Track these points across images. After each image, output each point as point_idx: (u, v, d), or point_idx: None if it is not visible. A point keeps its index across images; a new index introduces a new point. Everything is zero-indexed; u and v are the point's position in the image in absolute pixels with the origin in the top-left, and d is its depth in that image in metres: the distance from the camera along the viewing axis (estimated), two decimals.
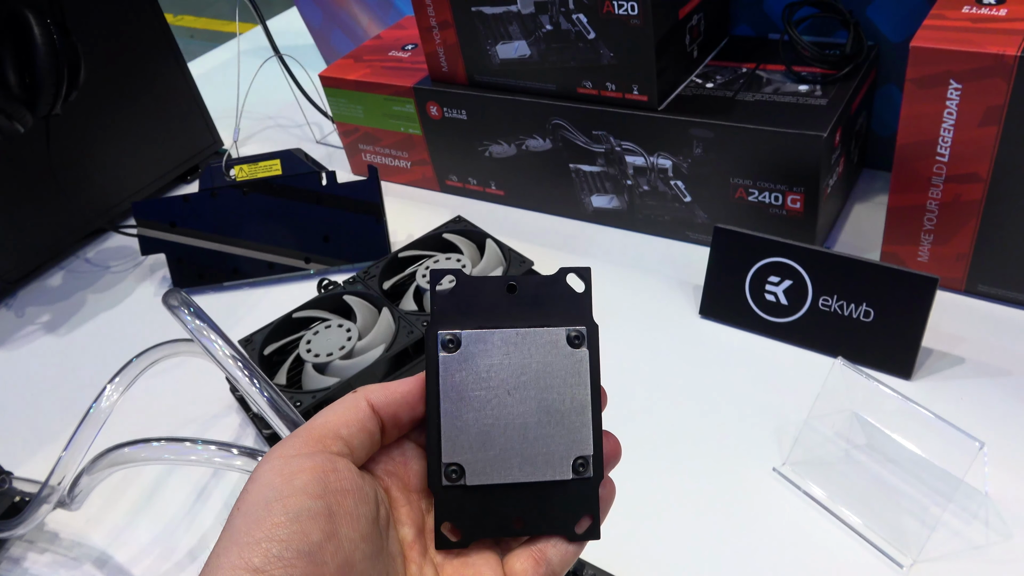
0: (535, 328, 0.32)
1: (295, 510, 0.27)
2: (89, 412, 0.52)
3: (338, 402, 0.31)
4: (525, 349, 0.32)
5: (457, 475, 0.31)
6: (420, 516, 0.32)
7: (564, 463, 0.32)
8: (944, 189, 0.61)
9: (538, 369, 0.32)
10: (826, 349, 0.62)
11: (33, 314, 0.85)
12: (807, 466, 0.54)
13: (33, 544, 0.60)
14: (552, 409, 0.32)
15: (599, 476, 0.32)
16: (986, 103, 0.55)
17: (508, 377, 0.32)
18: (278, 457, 0.28)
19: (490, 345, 0.32)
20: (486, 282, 0.32)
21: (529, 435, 0.32)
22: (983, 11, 0.57)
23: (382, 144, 0.91)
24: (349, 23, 1.12)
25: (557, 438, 0.32)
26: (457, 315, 0.32)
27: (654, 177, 0.73)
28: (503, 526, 0.31)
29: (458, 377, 0.31)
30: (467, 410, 0.31)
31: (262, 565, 0.25)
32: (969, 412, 0.56)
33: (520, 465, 0.32)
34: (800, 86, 0.69)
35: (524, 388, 0.32)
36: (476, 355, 0.32)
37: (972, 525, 0.50)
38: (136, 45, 0.92)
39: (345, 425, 0.30)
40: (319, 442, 0.29)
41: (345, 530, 0.28)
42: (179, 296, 0.48)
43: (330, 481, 0.28)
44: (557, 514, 0.32)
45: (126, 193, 0.95)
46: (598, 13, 0.67)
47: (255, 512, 0.27)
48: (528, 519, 0.32)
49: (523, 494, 0.32)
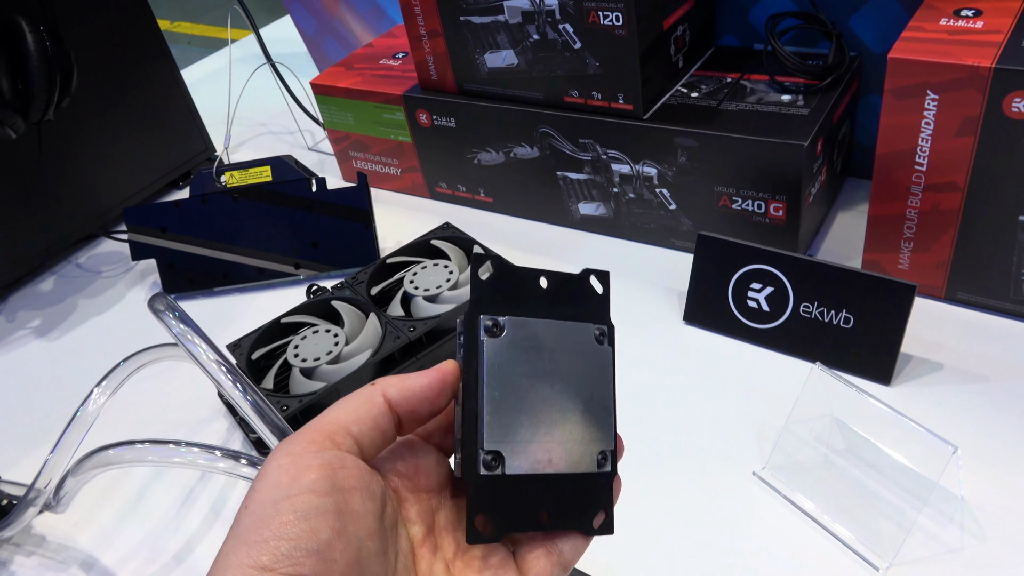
0: (570, 322, 0.33)
1: (303, 508, 0.27)
2: (76, 415, 0.53)
3: (354, 395, 0.30)
4: (561, 340, 0.32)
5: (496, 463, 0.30)
6: (430, 515, 0.32)
7: (590, 457, 0.32)
8: (923, 198, 0.61)
9: (571, 361, 0.33)
10: (807, 355, 0.63)
11: (24, 319, 0.85)
12: (786, 470, 0.55)
13: (20, 547, 0.61)
14: (582, 402, 0.33)
15: (614, 472, 0.33)
16: (962, 114, 0.56)
17: (545, 367, 0.32)
18: (286, 455, 0.28)
19: (530, 333, 0.32)
20: (520, 272, 0.32)
21: (562, 426, 0.32)
22: (960, 23, 0.58)
23: (372, 151, 0.92)
24: (342, 31, 1.13)
25: (586, 431, 0.32)
26: (497, 302, 0.31)
27: (640, 185, 0.74)
28: (531, 520, 0.31)
29: (500, 362, 0.31)
30: (507, 397, 0.31)
31: (271, 563, 0.25)
32: (947, 417, 0.57)
33: (553, 457, 0.31)
34: (783, 96, 0.70)
35: (558, 379, 0.32)
36: (517, 342, 0.31)
37: (948, 528, 0.51)
38: (129, 51, 0.93)
39: (356, 422, 0.30)
40: (328, 438, 0.29)
41: (353, 528, 0.27)
42: (164, 301, 0.48)
43: (338, 479, 0.28)
44: (578, 508, 0.32)
45: (118, 199, 0.95)
46: (584, 23, 0.68)
47: (263, 511, 0.27)
48: (554, 513, 0.31)
49: (551, 486, 0.31)
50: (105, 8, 0.89)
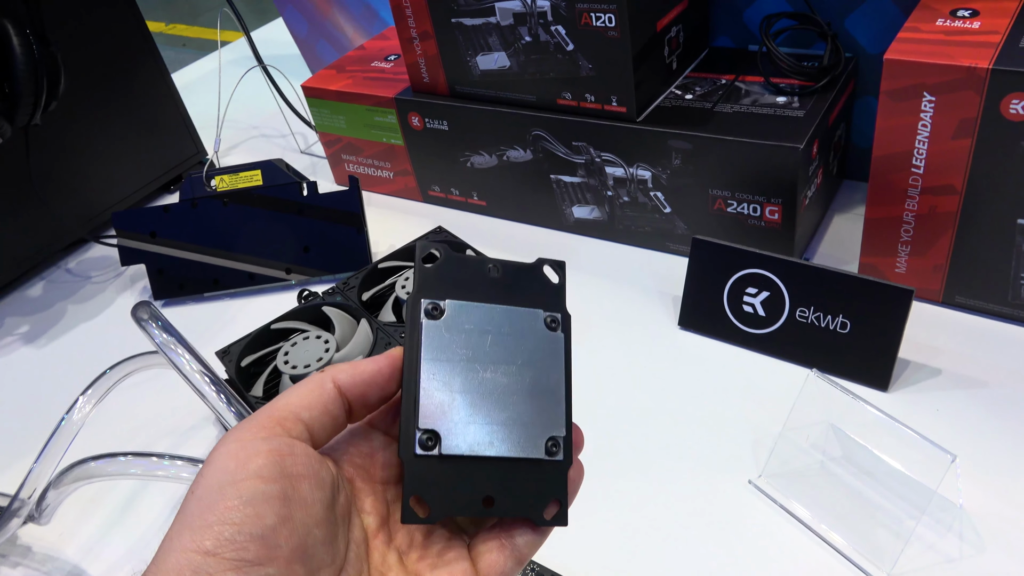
0: (516, 307, 0.33)
1: (248, 494, 0.26)
2: (61, 424, 0.52)
3: (303, 382, 0.30)
4: (506, 325, 0.32)
5: (431, 443, 0.30)
6: (385, 506, 0.32)
7: (537, 442, 0.32)
8: (920, 201, 0.61)
9: (516, 346, 0.32)
10: (803, 360, 0.62)
11: (12, 325, 0.84)
12: (783, 478, 0.54)
13: (5, 558, 0.60)
14: (528, 387, 0.32)
15: (568, 461, 0.32)
16: (959, 115, 0.55)
17: (488, 350, 0.32)
18: (234, 440, 0.28)
19: (472, 317, 0.32)
20: (469, 261, 0.33)
21: (505, 410, 0.32)
22: (957, 24, 0.58)
23: (365, 154, 0.91)
24: (334, 33, 1.12)
25: (532, 416, 0.32)
26: (441, 287, 0.32)
27: (634, 188, 0.73)
28: (472, 505, 0.31)
29: (439, 344, 0.31)
30: (446, 377, 0.31)
31: (214, 548, 0.25)
32: (945, 424, 0.56)
33: (494, 439, 0.31)
34: (778, 98, 0.69)
35: (503, 363, 0.32)
36: (458, 325, 0.31)
37: (946, 538, 0.50)
38: (117, 54, 0.92)
39: (307, 408, 0.29)
40: (278, 424, 0.29)
41: (300, 515, 0.27)
42: (148, 309, 0.47)
43: (286, 465, 0.28)
44: (526, 496, 0.31)
45: (108, 203, 0.94)
46: (576, 25, 0.67)
47: (208, 496, 0.26)
48: (498, 499, 0.31)
49: (494, 471, 0.31)
50: (93, 10, 0.88)
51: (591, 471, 0.35)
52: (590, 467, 0.35)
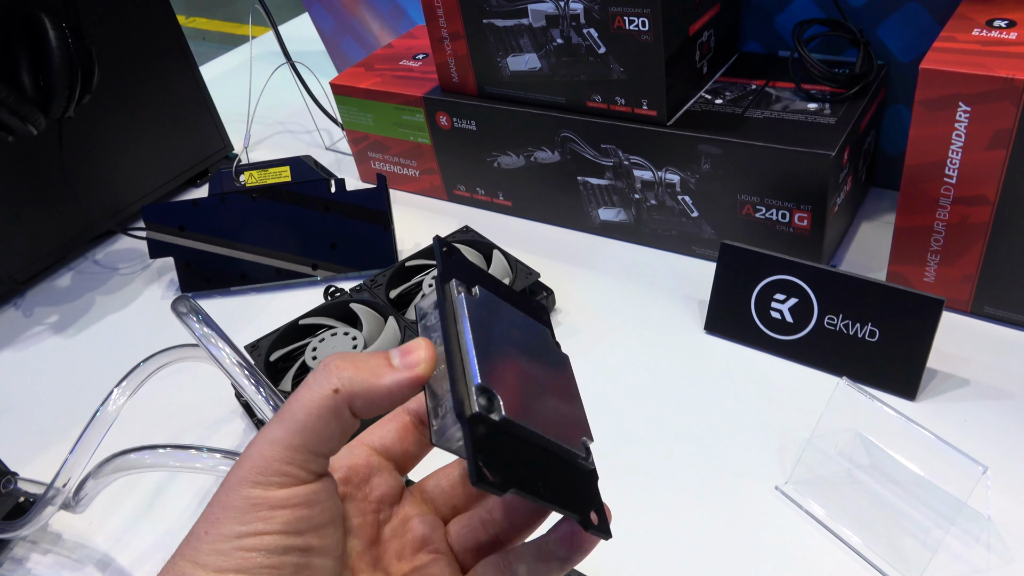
0: (530, 318, 0.32)
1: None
2: (96, 415, 0.52)
3: (316, 406, 0.27)
4: (525, 326, 0.31)
5: (489, 404, 0.26)
6: (374, 529, 0.31)
7: (576, 440, 0.30)
8: (951, 211, 0.61)
9: (538, 348, 0.31)
10: (831, 368, 0.62)
11: (41, 315, 0.85)
12: (809, 485, 0.54)
13: (36, 545, 0.60)
14: (556, 386, 0.31)
15: (596, 474, 0.31)
16: (995, 126, 0.55)
17: (517, 341, 0.30)
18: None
19: (498, 309, 0.30)
20: (477, 268, 0.32)
21: (547, 397, 0.30)
22: (993, 34, 0.57)
23: (391, 152, 0.92)
24: (360, 31, 1.13)
25: (567, 411, 0.31)
26: (466, 275, 0.30)
27: (662, 192, 0.74)
28: (531, 484, 0.27)
29: (479, 318, 0.28)
30: (492, 346, 0.28)
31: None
32: (973, 434, 0.56)
33: (543, 423, 0.28)
34: (809, 104, 0.69)
35: (533, 356, 0.30)
36: (488, 310, 0.29)
37: (974, 549, 0.50)
38: (149, 49, 0.93)
39: (327, 441, 0.28)
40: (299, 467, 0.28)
41: (319, 561, 0.27)
42: (188, 303, 0.48)
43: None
44: (574, 493, 0.29)
45: (136, 196, 0.95)
46: (609, 28, 0.67)
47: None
48: (553, 487, 0.28)
49: (546, 455, 0.28)
50: (126, 5, 0.89)
51: (615, 472, 0.35)
52: (613, 468, 0.34)
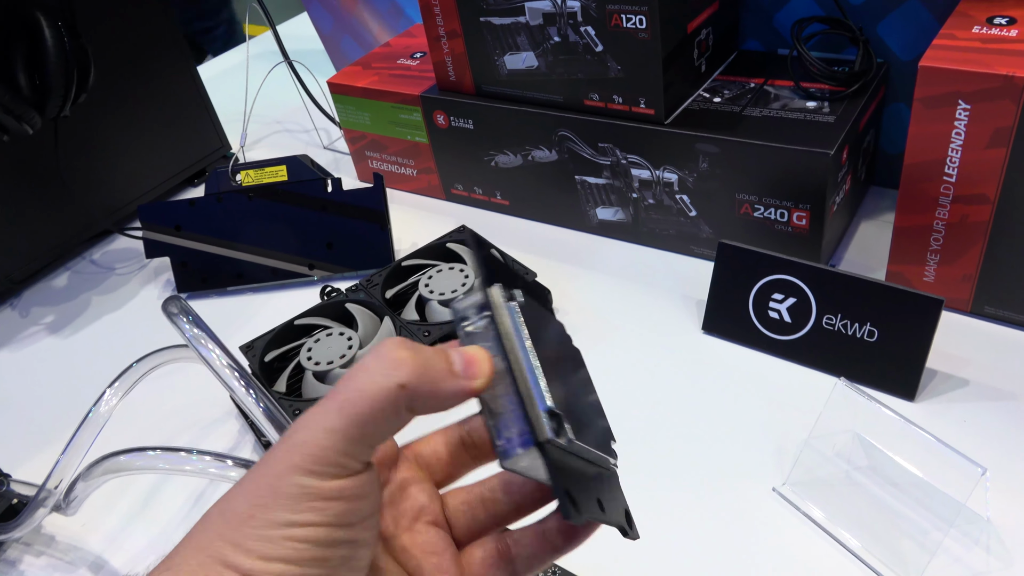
0: (548, 312, 0.31)
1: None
2: (88, 416, 0.52)
3: (382, 405, 0.25)
4: (551, 328, 0.31)
5: (558, 426, 0.25)
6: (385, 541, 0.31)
7: (608, 446, 0.30)
8: (951, 210, 0.60)
9: (566, 354, 0.31)
10: (829, 368, 0.62)
11: (37, 315, 0.85)
12: (807, 487, 0.54)
13: (29, 547, 0.60)
14: (585, 392, 0.30)
15: (618, 476, 0.31)
16: (995, 124, 0.55)
17: (556, 348, 0.29)
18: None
19: (536, 315, 0.29)
20: (498, 260, 0.31)
21: (582, 403, 0.29)
22: (993, 32, 0.57)
23: (388, 151, 0.91)
24: (359, 30, 1.13)
25: (595, 416, 0.30)
26: (506, 279, 0.29)
27: (659, 191, 0.73)
28: (593, 507, 0.26)
29: (532, 328, 0.27)
30: (546, 359, 0.27)
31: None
32: (972, 435, 0.56)
33: (591, 438, 0.28)
34: (808, 102, 0.69)
35: (566, 365, 0.30)
36: (533, 316, 0.28)
37: (973, 551, 0.49)
38: (146, 48, 0.92)
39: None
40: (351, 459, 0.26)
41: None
42: (178, 304, 0.48)
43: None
44: (615, 504, 0.29)
45: (133, 195, 0.95)
46: (606, 26, 0.67)
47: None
48: (606, 504, 0.27)
49: (595, 472, 0.28)
50: (123, 4, 0.89)
51: None
52: None
